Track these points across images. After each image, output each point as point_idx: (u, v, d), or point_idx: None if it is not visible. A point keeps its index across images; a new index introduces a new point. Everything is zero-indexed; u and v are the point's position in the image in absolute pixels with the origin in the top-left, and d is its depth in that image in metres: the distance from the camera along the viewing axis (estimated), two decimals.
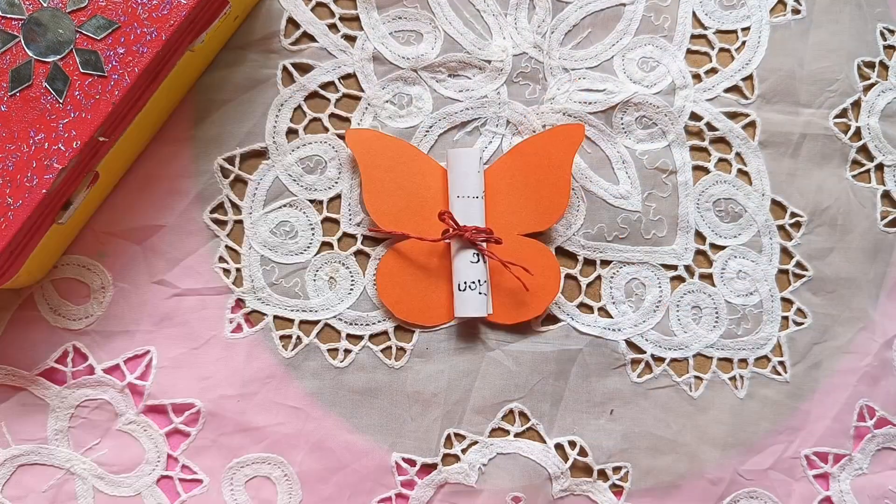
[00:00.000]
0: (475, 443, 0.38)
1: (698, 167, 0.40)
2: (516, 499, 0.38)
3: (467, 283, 0.37)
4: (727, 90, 0.40)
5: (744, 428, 0.39)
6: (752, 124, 0.40)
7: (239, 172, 0.38)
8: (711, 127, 0.40)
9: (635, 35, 0.40)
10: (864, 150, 0.41)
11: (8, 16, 0.31)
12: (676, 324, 0.40)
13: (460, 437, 0.38)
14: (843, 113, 0.41)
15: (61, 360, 0.37)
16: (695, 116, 0.40)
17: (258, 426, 0.37)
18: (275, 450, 0.37)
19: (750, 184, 0.40)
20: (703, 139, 0.40)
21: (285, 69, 0.38)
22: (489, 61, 0.39)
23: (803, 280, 0.40)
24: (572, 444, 0.39)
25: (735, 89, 0.40)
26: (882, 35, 0.41)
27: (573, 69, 0.40)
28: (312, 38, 0.39)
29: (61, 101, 0.31)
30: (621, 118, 0.40)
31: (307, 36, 0.39)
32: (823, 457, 0.40)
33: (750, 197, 0.40)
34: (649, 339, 0.39)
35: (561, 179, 0.38)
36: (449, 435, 0.38)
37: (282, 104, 0.38)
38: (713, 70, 0.40)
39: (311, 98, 0.39)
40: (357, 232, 0.39)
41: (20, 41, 0.31)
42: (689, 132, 0.40)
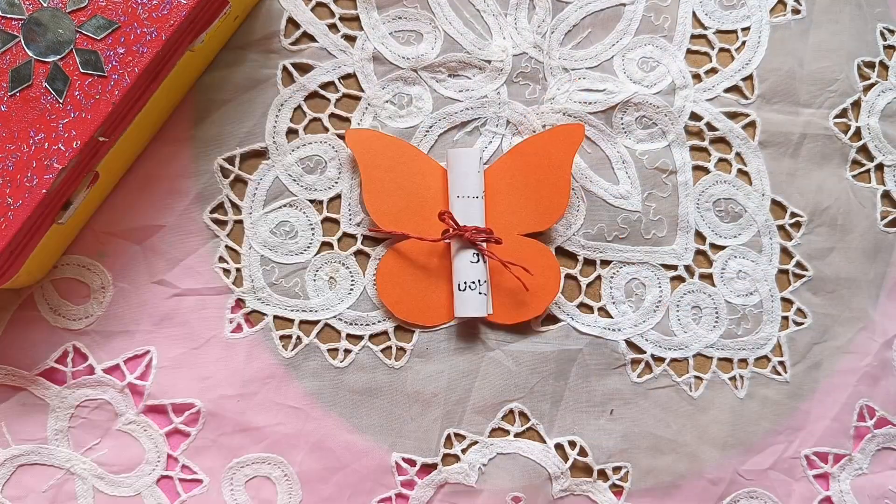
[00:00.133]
0: (475, 443, 0.38)
1: (698, 167, 0.40)
2: (516, 499, 0.38)
3: (467, 283, 0.37)
4: (727, 90, 0.40)
5: (744, 428, 0.39)
6: (752, 124, 0.40)
7: (239, 172, 0.38)
8: (711, 127, 0.40)
9: (635, 35, 0.40)
10: (864, 150, 0.41)
11: (8, 16, 0.31)
12: (676, 324, 0.40)
13: (460, 437, 0.38)
14: (843, 113, 0.41)
15: (61, 360, 0.37)
16: (695, 116, 0.40)
17: (258, 426, 0.37)
18: (275, 450, 0.37)
19: (750, 184, 0.40)
20: (703, 139, 0.40)
21: (285, 69, 0.38)
22: (489, 61, 0.39)
23: (803, 280, 0.40)
24: (572, 444, 0.39)
25: (735, 89, 0.40)
26: (882, 35, 0.41)
27: (573, 69, 0.40)
28: (312, 38, 0.39)
29: (61, 101, 0.31)
30: (621, 118, 0.40)
31: (307, 36, 0.39)
32: (823, 457, 0.40)
33: (750, 197, 0.40)
34: (649, 339, 0.39)
35: (561, 179, 0.38)
36: (449, 435, 0.38)
37: (282, 104, 0.38)
38: (713, 70, 0.40)
39: (311, 98, 0.39)
40: (357, 232, 0.39)
41: (20, 41, 0.31)
42: (689, 132, 0.40)
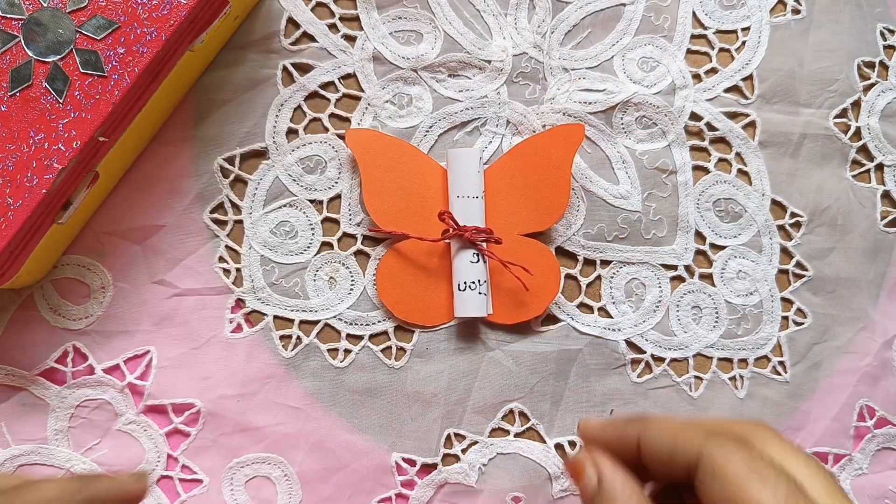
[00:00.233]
0: (475, 443, 0.38)
1: (698, 167, 0.40)
2: (516, 499, 0.38)
3: (467, 283, 0.37)
4: (727, 90, 0.40)
5: None
6: (752, 124, 0.40)
7: (239, 172, 0.38)
8: (711, 127, 0.40)
9: (635, 35, 0.40)
10: (864, 150, 0.41)
11: (8, 16, 0.31)
12: (676, 324, 0.39)
13: (460, 437, 0.38)
14: (843, 113, 0.41)
15: (61, 360, 0.37)
16: (695, 116, 0.40)
17: (258, 426, 0.37)
18: (275, 450, 0.37)
19: (750, 184, 0.40)
20: (703, 139, 0.40)
21: (285, 69, 0.38)
22: (489, 61, 0.39)
23: (803, 280, 0.40)
24: (572, 444, 0.39)
25: (735, 89, 0.40)
26: (882, 35, 0.41)
27: (573, 69, 0.40)
28: (312, 38, 0.39)
29: (61, 101, 0.31)
30: (621, 118, 0.40)
31: (307, 36, 0.39)
32: (823, 457, 0.40)
33: (750, 197, 0.40)
34: (649, 339, 0.39)
35: (561, 179, 0.38)
36: (449, 435, 0.38)
37: (282, 104, 0.38)
38: (713, 70, 0.40)
39: (311, 98, 0.39)
40: (357, 232, 0.39)
41: (20, 41, 0.31)
42: (689, 132, 0.40)
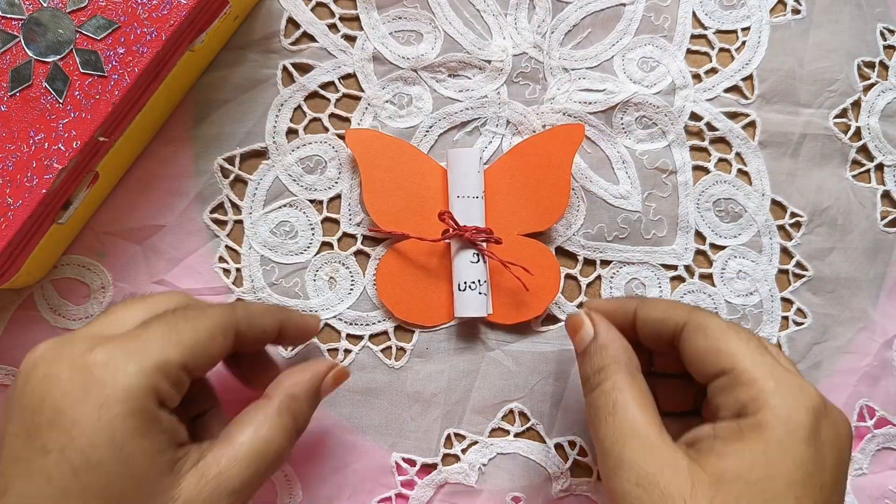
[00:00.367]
0: (475, 443, 0.38)
1: (698, 167, 0.40)
2: (516, 499, 0.38)
3: (467, 283, 0.37)
4: (727, 90, 0.40)
5: None
6: (752, 124, 0.40)
7: (239, 172, 0.38)
8: (711, 127, 0.40)
9: (635, 35, 0.40)
10: (864, 150, 0.41)
11: (8, 16, 0.31)
12: None
13: (460, 437, 0.38)
14: (843, 113, 0.41)
15: None
16: (695, 116, 0.40)
17: None
18: None
19: (750, 184, 0.40)
20: (703, 139, 0.40)
21: (285, 69, 0.38)
22: (489, 61, 0.39)
23: (803, 280, 0.40)
24: (572, 444, 0.39)
25: (735, 89, 0.40)
26: (882, 35, 0.41)
27: (573, 69, 0.40)
28: (312, 38, 0.39)
29: (61, 101, 0.31)
30: (621, 118, 0.40)
31: (307, 36, 0.39)
32: None
33: (750, 197, 0.40)
34: None
35: (561, 179, 0.38)
36: (449, 435, 0.38)
37: (282, 104, 0.38)
38: (713, 70, 0.40)
39: (311, 98, 0.39)
40: (357, 232, 0.39)
41: (20, 41, 0.31)
42: (689, 132, 0.40)
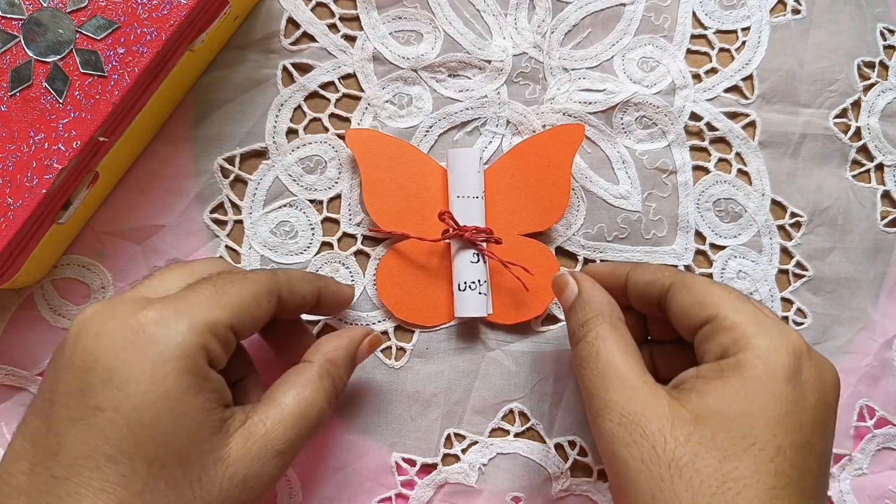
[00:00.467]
0: (475, 443, 0.38)
1: (698, 167, 0.40)
2: (516, 499, 0.38)
3: (467, 284, 0.37)
4: (727, 90, 0.40)
5: None
6: (752, 124, 0.40)
7: (239, 172, 0.38)
8: (711, 127, 0.40)
9: (635, 35, 0.40)
10: (864, 150, 0.41)
11: (8, 16, 0.31)
12: None
13: (460, 437, 0.38)
14: (843, 113, 0.41)
15: None
16: (695, 116, 0.40)
17: None
18: None
19: (750, 184, 0.40)
20: (703, 139, 0.40)
21: (285, 69, 0.38)
22: (489, 61, 0.39)
23: (803, 280, 0.40)
24: (572, 444, 0.39)
25: (735, 89, 0.40)
26: (882, 35, 0.41)
27: (573, 69, 0.40)
28: (312, 38, 0.39)
29: (61, 101, 0.31)
30: (621, 118, 0.40)
31: (307, 36, 0.39)
32: None
33: (750, 197, 0.40)
34: None
35: (561, 179, 0.38)
36: (449, 435, 0.38)
37: (282, 104, 0.38)
38: (713, 70, 0.40)
39: (311, 98, 0.39)
40: (357, 232, 0.39)
41: (20, 41, 0.31)
42: (689, 132, 0.40)
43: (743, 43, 0.40)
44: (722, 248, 0.40)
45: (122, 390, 0.25)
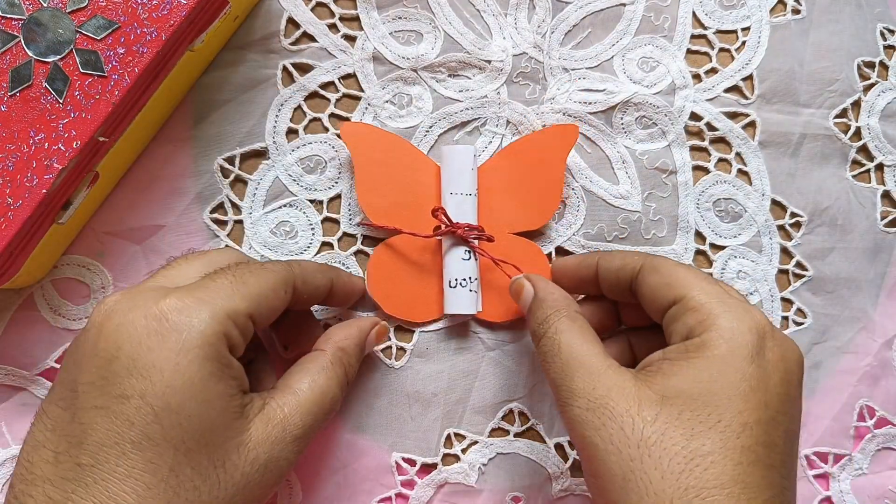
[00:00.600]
0: (475, 443, 0.38)
1: (698, 167, 0.40)
2: (516, 499, 0.38)
3: (458, 280, 0.37)
4: (727, 90, 0.40)
5: None
6: (752, 124, 0.40)
7: (239, 172, 0.38)
8: (711, 127, 0.40)
9: (635, 35, 0.40)
10: (864, 150, 0.41)
11: (8, 16, 0.31)
12: None
13: (460, 437, 0.38)
14: (843, 113, 0.41)
15: (61, 360, 0.37)
16: (695, 116, 0.40)
17: None
18: None
19: (750, 184, 0.40)
20: (703, 139, 0.40)
21: (285, 69, 0.38)
22: (489, 61, 0.39)
23: (803, 280, 0.40)
24: (572, 444, 0.39)
25: (735, 89, 0.40)
26: (882, 35, 0.41)
27: (573, 69, 0.40)
28: (312, 38, 0.39)
29: (61, 101, 0.31)
30: (621, 118, 0.40)
31: (307, 36, 0.39)
32: (823, 457, 0.40)
33: (750, 197, 0.40)
34: None
35: (553, 179, 0.38)
36: (449, 435, 0.38)
37: (282, 104, 0.38)
38: (713, 70, 0.40)
39: (311, 98, 0.39)
40: (357, 232, 0.39)
41: (20, 41, 0.31)
42: (689, 132, 0.40)
43: (743, 43, 0.40)
44: (722, 248, 0.40)
45: (147, 378, 0.25)
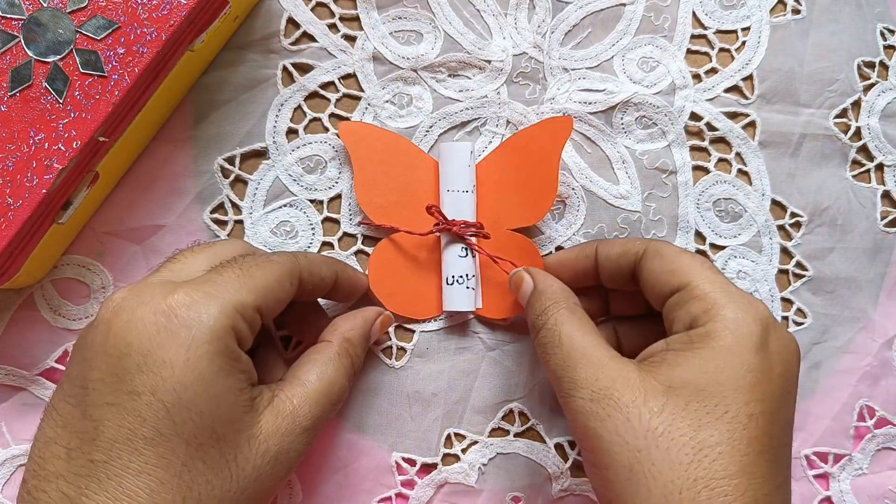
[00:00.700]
0: (475, 443, 0.38)
1: (698, 167, 0.40)
2: (516, 499, 0.38)
3: (455, 278, 0.37)
4: (727, 90, 0.40)
5: None
6: (752, 124, 0.40)
7: (239, 172, 0.38)
8: (711, 127, 0.40)
9: (635, 35, 0.40)
10: (864, 150, 0.41)
11: (8, 16, 0.31)
12: None
13: (460, 437, 0.38)
14: (843, 113, 0.41)
15: (61, 360, 0.37)
16: (695, 116, 0.40)
17: None
18: None
19: (750, 184, 0.40)
20: (703, 139, 0.40)
21: (285, 69, 0.38)
22: (489, 61, 0.39)
23: (803, 280, 0.40)
24: (572, 444, 0.39)
25: (735, 89, 0.40)
26: (882, 35, 0.41)
27: (573, 69, 0.40)
28: (312, 38, 0.39)
29: (61, 101, 0.31)
30: (621, 118, 0.40)
31: (307, 36, 0.39)
32: (823, 457, 0.40)
33: (750, 197, 0.40)
34: None
35: (548, 173, 0.37)
36: (449, 435, 0.38)
37: (282, 104, 0.38)
38: (713, 70, 0.40)
39: (311, 98, 0.39)
40: (357, 232, 0.39)
41: (20, 41, 0.31)
42: (689, 132, 0.40)
43: (743, 43, 0.40)
44: (722, 248, 0.40)
45: (158, 374, 0.25)
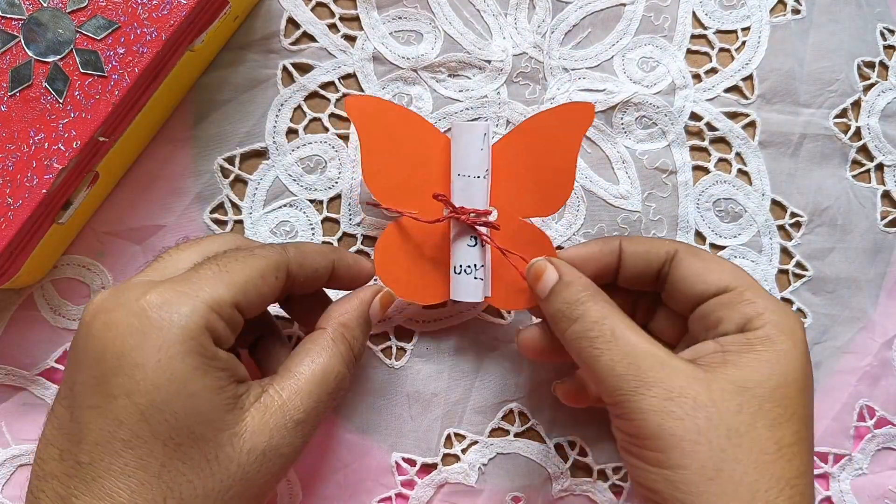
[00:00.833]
0: (475, 443, 0.38)
1: (698, 167, 0.40)
2: (516, 499, 0.38)
3: (463, 267, 0.35)
4: (727, 90, 0.40)
5: None
6: (752, 124, 0.40)
7: (239, 172, 0.38)
8: (711, 127, 0.40)
9: (635, 35, 0.40)
10: (864, 150, 0.41)
11: (8, 16, 0.31)
12: None
13: (460, 437, 0.38)
14: (843, 113, 0.41)
15: (61, 360, 0.37)
16: (695, 116, 0.40)
17: None
18: None
19: (750, 184, 0.40)
20: (703, 139, 0.40)
21: (285, 69, 0.38)
22: (489, 61, 0.39)
23: (803, 280, 0.40)
24: (572, 444, 0.39)
25: (735, 89, 0.40)
26: (882, 35, 0.41)
27: (573, 69, 0.40)
28: (312, 38, 0.39)
29: (61, 101, 0.31)
30: (621, 118, 0.40)
31: (307, 36, 0.39)
32: (823, 457, 0.40)
33: (750, 197, 0.40)
34: None
35: (566, 163, 0.35)
36: (449, 435, 0.38)
37: (282, 104, 0.38)
38: (713, 70, 0.40)
39: (311, 98, 0.39)
40: (357, 232, 0.39)
41: (20, 41, 0.31)
42: (689, 132, 0.40)
43: (743, 43, 0.40)
44: (722, 248, 0.40)
45: (132, 377, 0.25)
